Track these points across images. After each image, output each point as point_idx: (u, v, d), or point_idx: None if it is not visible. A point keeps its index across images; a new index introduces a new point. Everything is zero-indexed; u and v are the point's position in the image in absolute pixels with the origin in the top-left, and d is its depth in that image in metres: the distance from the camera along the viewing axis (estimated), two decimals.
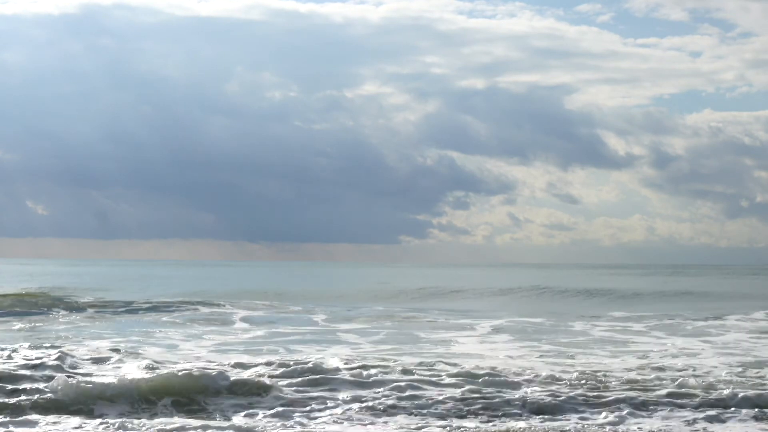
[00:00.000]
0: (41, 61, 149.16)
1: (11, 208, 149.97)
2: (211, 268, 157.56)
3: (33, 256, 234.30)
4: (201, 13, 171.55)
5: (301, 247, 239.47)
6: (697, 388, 15.60)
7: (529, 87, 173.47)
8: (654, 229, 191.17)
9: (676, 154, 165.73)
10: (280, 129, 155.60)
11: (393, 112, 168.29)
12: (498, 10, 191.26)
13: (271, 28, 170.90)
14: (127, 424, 12.76)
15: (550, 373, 16.68)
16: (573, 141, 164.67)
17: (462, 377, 16.23)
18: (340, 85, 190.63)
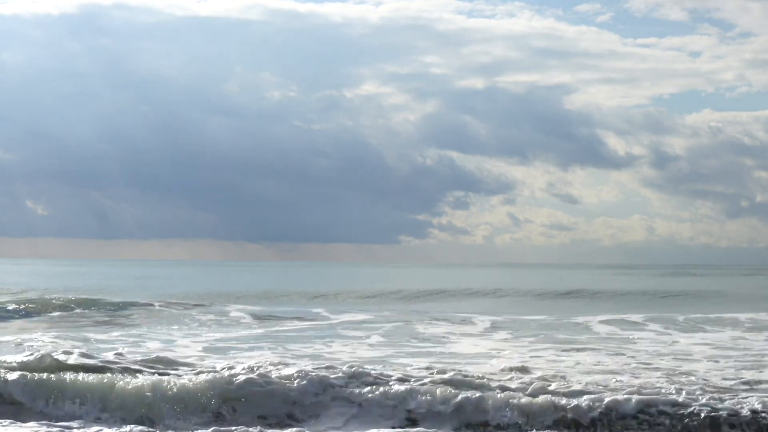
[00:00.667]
0: (41, 61, 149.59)
1: (11, 208, 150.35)
2: (214, 267, 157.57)
3: (33, 256, 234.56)
4: (200, 13, 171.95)
5: (300, 247, 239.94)
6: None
7: (529, 87, 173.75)
8: (654, 229, 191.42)
9: (675, 154, 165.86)
10: (279, 129, 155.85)
11: (392, 112, 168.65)
12: (497, 9, 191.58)
13: (271, 27, 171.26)
14: None
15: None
16: (573, 141, 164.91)
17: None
18: (340, 85, 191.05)
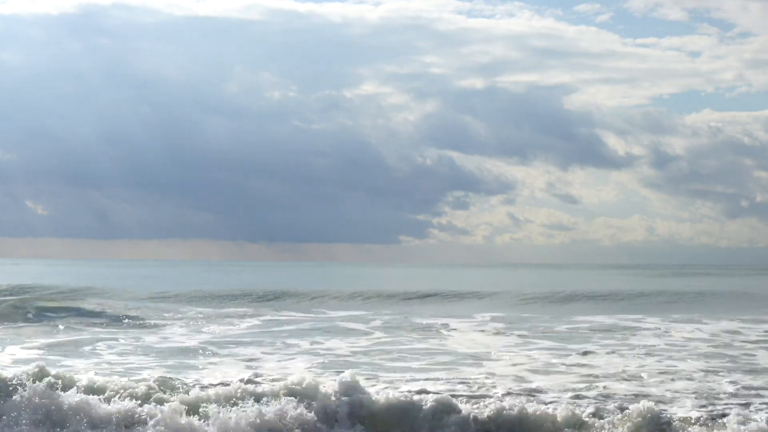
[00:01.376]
0: (40, 61, 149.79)
1: (11, 208, 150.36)
2: (215, 267, 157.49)
3: (32, 256, 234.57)
4: (200, 13, 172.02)
5: (301, 247, 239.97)
6: None
7: (529, 87, 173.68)
8: (654, 229, 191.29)
9: (675, 154, 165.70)
10: (279, 129, 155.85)
11: (392, 112, 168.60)
12: (497, 9, 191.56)
13: (270, 27, 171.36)
14: None
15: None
16: (572, 141, 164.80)
17: None
18: (339, 84, 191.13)
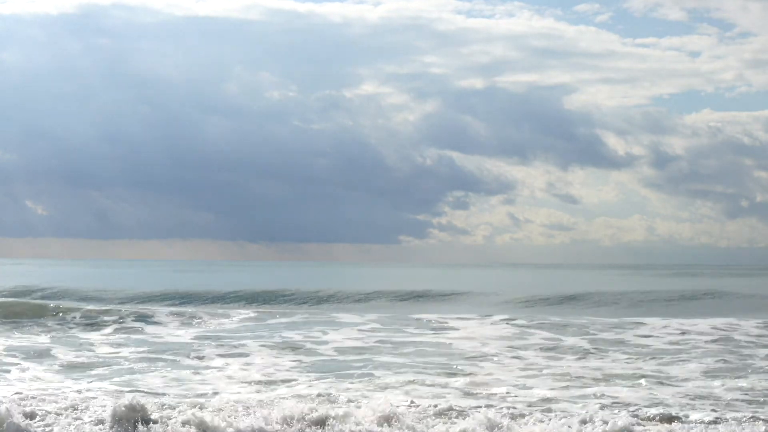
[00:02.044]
0: (40, 61, 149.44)
1: (11, 208, 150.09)
2: (218, 267, 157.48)
3: (32, 256, 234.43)
4: (199, 13, 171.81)
5: (300, 247, 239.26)
6: None
7: (528, 87, 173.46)
8: (654, 229, 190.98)
9: (675, 154, 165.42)
10: (279, 129, 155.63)
11: (392, 112, 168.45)
12: (497, 9, 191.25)
13: (270, 27, 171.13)
14: None
15: None
16: (572, 141, 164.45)
17: None
18: (339, 84, 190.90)
